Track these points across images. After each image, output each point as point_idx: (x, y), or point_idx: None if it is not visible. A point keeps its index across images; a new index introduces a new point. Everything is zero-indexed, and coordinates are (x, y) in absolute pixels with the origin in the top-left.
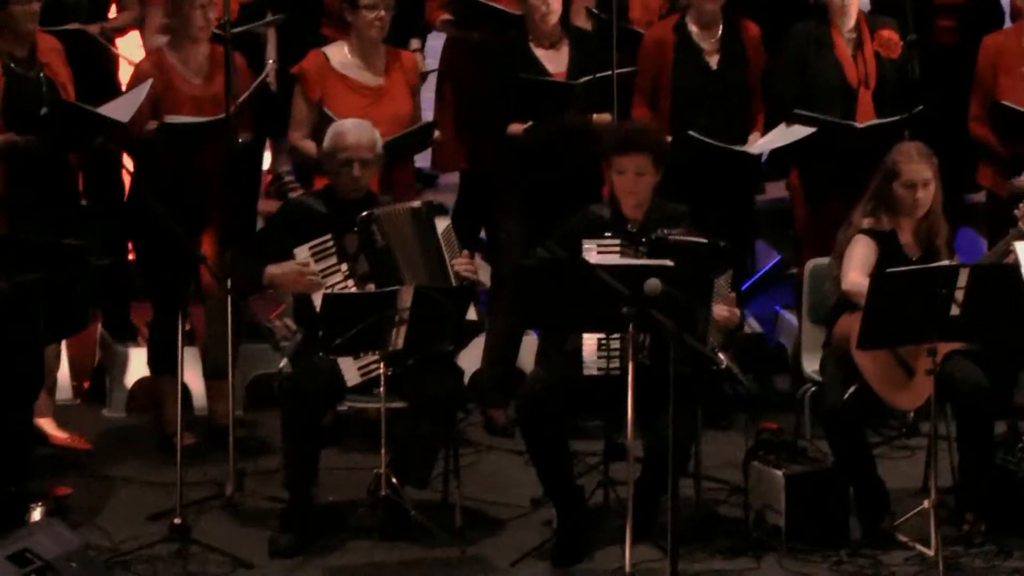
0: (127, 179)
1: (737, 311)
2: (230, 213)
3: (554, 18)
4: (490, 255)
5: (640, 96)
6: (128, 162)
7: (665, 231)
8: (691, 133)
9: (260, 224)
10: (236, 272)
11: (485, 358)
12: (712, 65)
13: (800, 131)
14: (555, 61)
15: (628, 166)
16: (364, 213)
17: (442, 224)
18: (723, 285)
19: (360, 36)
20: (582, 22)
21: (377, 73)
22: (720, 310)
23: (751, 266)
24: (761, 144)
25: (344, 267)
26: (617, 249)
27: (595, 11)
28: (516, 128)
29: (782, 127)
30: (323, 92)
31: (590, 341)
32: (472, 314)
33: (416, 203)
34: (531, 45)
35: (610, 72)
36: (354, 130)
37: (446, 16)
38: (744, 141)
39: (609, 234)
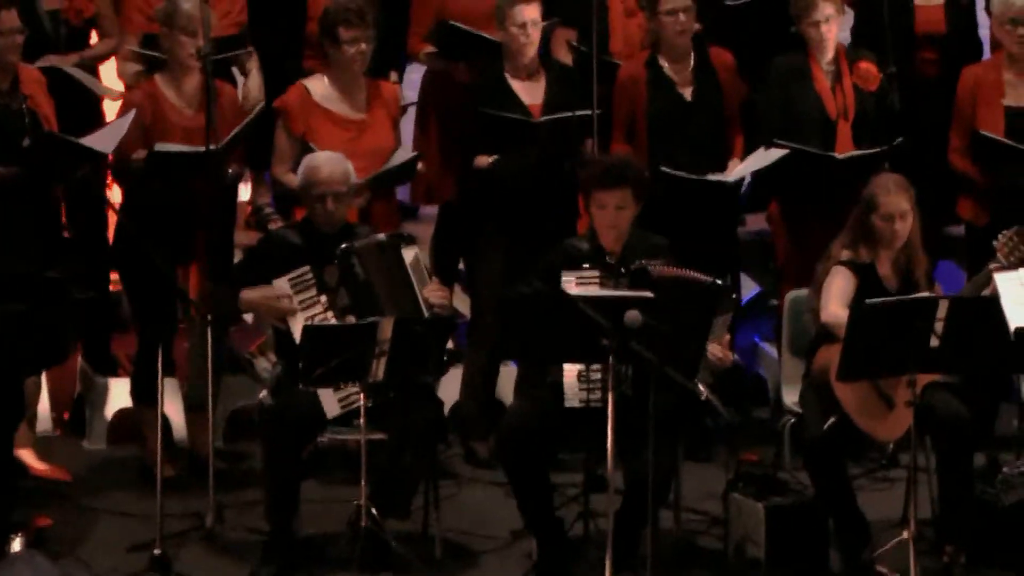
0: (110, 212)
1: (730, 354)
2: (217, 246)
3: (532, 49)
4: (469, 286)
5: (619, 131)
6: (113, 194)
7: (644, 262)
8: (663, 168)
9: (237, 255)
10: (215, 300)
11: (464, 390)
12: (686, 96)
13: (776, 153)
14: (532, 93)
15: (609, 200)
16: (343, 245)
17: (410, 254)
18: (720, 325)
19: (341, 70)
20: (563, 55)
21: (359, 106)
22: (714, 349)
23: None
24: (739, 170)
25: (324, 299)
26: (597, 280)
27: (576, 44)
28: (482, 161)
29: (760, 151)
30: (306, 126)
31: (570, 373)
32: (449, 344)
33: (381, 236)
34: (508, 76)
35: (578, 112)
36: (327, 164)
37: (429, 49)
38: (724, 169)
39: (588, 265)
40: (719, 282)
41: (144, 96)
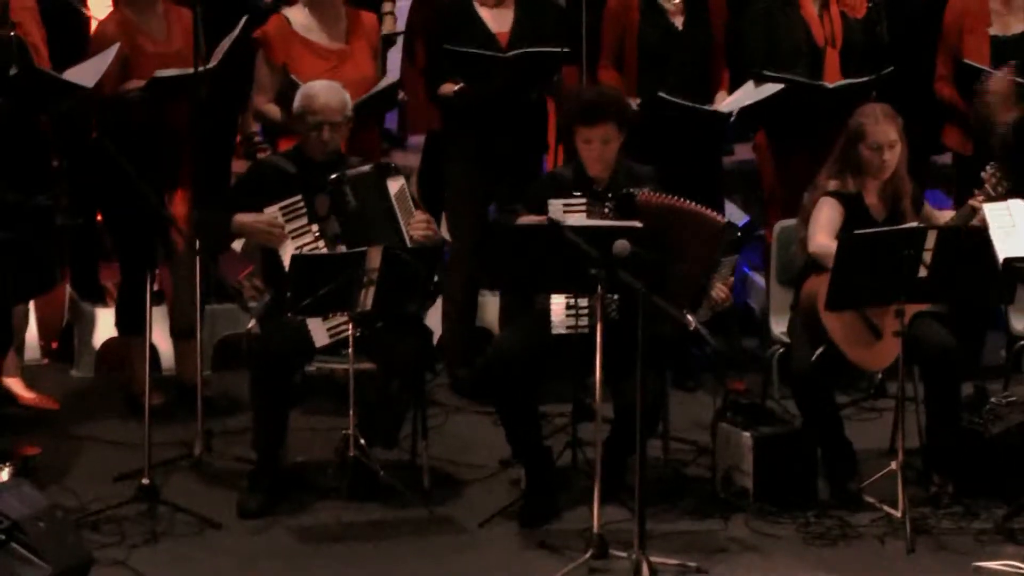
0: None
1: (730, 292)
2: (202, 172)
3: None
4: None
5: (607, 59)
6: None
7: (632, 190)
8: (661, 94)
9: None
10: (204, 223)
11: (443, 318)
12: (677, 25)
13: (768, 88)
14: (499, 20)
15: (594, 135)
16: (335, 175)
17: (395, 185)
18: (726, 266)
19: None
20: None
21: (339, 36)
22: (718, 290)
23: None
24: (729, 102)
25: (315, 228)
26: (583, 208)
27: None
28: (447, 89)
29: (750, 85)
30: (286, 56)
31: (558, 301)
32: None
33: (366, 167)
34: (475, 3)
35: (544, 50)
36: (323, 93)
37: None
38: (711, 100)
39: (578, 193)
40: (732, 223)
41: (116, 26)
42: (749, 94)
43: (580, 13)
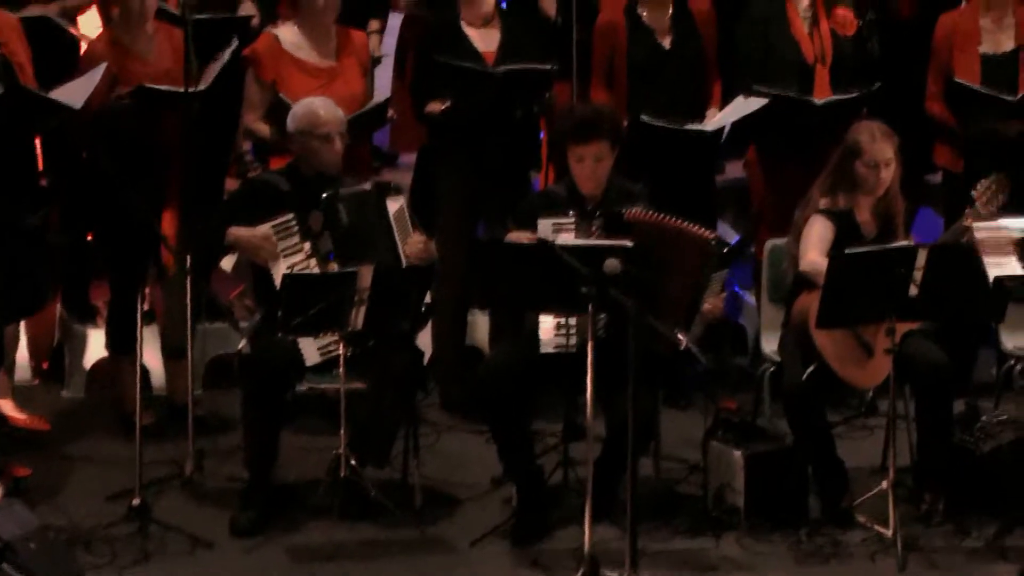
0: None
1: (721, 305)
2: (192, 191)
3: None
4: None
5: (598, 77)
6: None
7: (622, 209)
8: (643, 117)
9: None
10: (198, 235)
11: (434, 335)
12: (665, 45)
13: (755, 103)
14: (486, 40)
15: (587, 153)
16: (329, 192)
17: (394, 205)
18: (716, 281)
19: (312, 17)
20: (548, 2)
21: (329, 54)
22: (708, 305)
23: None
24: (718, 119)
25: (307, 246)
26: (573, 225)
27: None
28: (435, 107)
29: (739, 100)
30: (276, 74)
31: (546, 321)
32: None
33: (367, 185)
34: (463, 23)
35: (532, 67)
36: (324, 106)
37: None
38: (703, 117)
39: (571, 212)
40: (717, 236)
41: (105, 46)
42: (737, 109)
43: (571, 30)
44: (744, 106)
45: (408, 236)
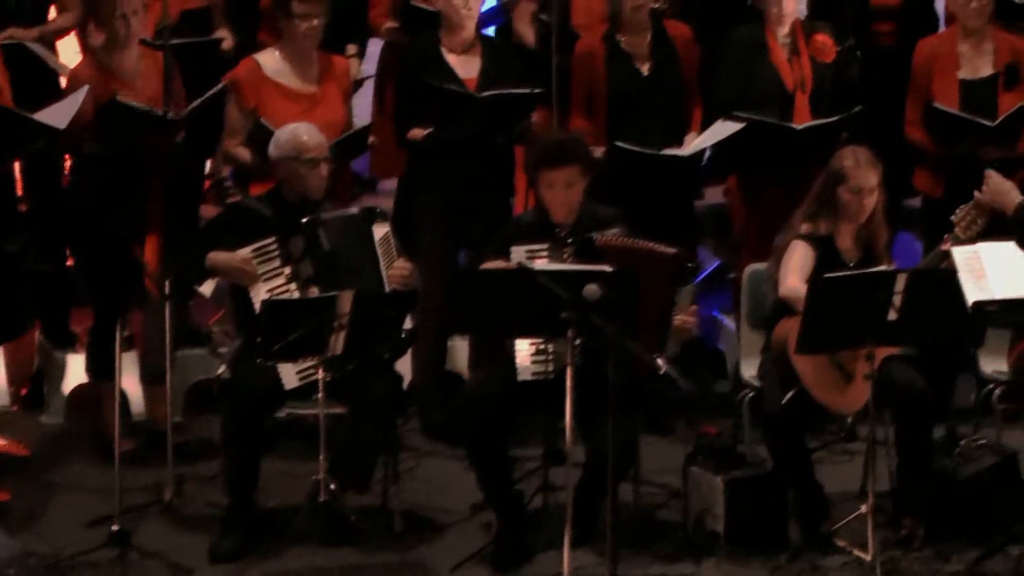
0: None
1: (694, 320)
2: (173, 219)
3: (471, 24)
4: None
5: (577, 106)
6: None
7: (594, 234)
8: (618, 144)
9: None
10: (178, 262)
11: (414, 362)
12: (644, 71)
13: (733, 126)
14: (467, 67)
15: (558, 179)
16: (311, 216)
17: (380, 231)
18: (685, 296)
19: (293, 43)
20: (525, 28)
21: (311, 80)
22: (679, 320)
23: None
24: (696, 143)
25: (287, 270)
26: (545, 253)
27: (541, 16)
28: (416, 133)
29: (717, 124)
30: (257, 100)
31: (522, 348)
32: (408, 322)
33: (354, 209)
34: (444, 49)
35: (518, 91)
36: (308, 132)
37: (391, 24)
38: (683, 143)
39: (546, 242)
40: (677, 251)
41: (90, 70)
42: (715, 133)
43: (550, 56)
44: (721, 130)
45: (392, 262)
